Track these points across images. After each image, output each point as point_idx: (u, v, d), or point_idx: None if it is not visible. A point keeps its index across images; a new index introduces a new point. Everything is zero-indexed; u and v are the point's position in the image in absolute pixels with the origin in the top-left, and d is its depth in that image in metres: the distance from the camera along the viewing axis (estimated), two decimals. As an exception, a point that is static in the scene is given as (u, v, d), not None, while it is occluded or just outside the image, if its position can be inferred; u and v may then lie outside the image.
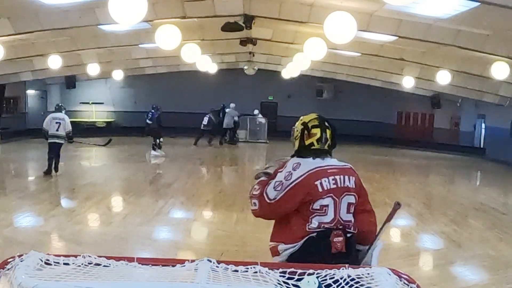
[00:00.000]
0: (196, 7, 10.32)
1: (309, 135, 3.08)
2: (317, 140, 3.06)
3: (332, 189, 2.95)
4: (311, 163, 3.01)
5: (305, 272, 1.84)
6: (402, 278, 1.82)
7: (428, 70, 15.48)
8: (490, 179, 16.53)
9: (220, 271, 1.82)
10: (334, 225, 2.93)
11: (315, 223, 2.93)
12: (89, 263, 1.84)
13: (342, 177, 3.01)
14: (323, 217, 2.93)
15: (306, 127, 3.10)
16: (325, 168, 3.00)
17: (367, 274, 1.83)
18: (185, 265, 1.87)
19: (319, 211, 2.93)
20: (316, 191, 2.92)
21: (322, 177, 2.96)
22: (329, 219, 2.93)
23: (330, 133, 3.10)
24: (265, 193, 3.01)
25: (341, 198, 2.97)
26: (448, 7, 8.69)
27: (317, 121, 3.11)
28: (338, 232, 2.92)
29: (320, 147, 3.06)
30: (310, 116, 3.16)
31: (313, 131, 3.08)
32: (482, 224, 9.27)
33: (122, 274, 1.82)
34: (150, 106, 17.63)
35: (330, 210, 2.94)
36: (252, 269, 1.83)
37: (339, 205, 2.95)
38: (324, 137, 3.07)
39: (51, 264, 1.84)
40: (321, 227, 2.92)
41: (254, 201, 3.08)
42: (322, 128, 3.08)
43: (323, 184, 2.94)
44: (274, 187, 2.99)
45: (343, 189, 2.98)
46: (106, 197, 10.56)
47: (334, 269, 1.85)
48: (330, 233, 2.91)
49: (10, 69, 16.68)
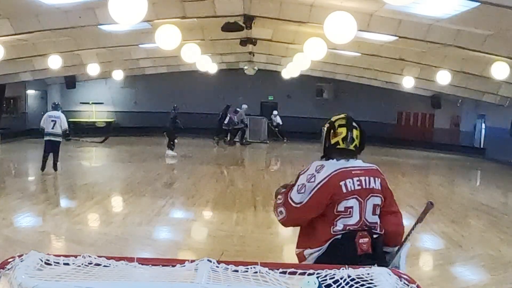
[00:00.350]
0: (196, 7, 10.33)
1: (335, 134, 3.03)
2: (342, 139, 3.01)
3: (356, 190, 2.89)
4: (334, 164, 2.96)
5: (305, 272, 1.84)
6: (402, 278, 1.82)
7: (428, 70, 15.49)
8: (490, 179, 16.53)
9: (220, 271, 1.82)
10: (359, 227, 2.88)
11: (340, 225, 2.87)
12: (89, 263, 1.84)
13: (367, 178, 2.95)
14: (348, 219, 2.88)
15: (332, 126, 3.05)
16: (349, 169, 2.95)
17: (367, 274, 1.83)
18: (185, 265, 1.87)
19: (343, 213, 2.88)
20: (340, 192, 2.87)
21: (346, 178, 2.90)
22: (354, 221, 2.88)
23: (357, 134, 3.04)
24: (290, 198, 2.95)
25: (366, 199, 2.91)
26: (448, 7, 8.70)
27: (344, 121, 3.06)
28: (363, 233, 2.87)
29: (345, 146, 3.00)
30: (338, 116, 3.11)
31: (339, 130, 3.03)
32: (482, 224, 9.27)
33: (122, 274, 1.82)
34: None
35: (355, 211, 2.88)
36: (252, 269, 1.83)
37: (364, 207, 2.90)
38: (350, 136, 3.00)
39: (51, 264, 1.84)
40: (346, 229, 2.87)
41: (280, 210, 3.00)
42: (348, 127, 3.02)
43: (347, 185, 2.89)
44: (297, 190, 2.93)
45: (368, 190, 2.93)
46: (106, 197, 10.56)
47: (334, 269, 1.85)
48: (356, 235, 2.86)
49: (10, 69, 16.68)
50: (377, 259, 2.75)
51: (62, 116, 12.57)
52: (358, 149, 3.06)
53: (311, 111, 24.65)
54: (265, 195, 11.33)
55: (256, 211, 9.45)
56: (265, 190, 11.43)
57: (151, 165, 15.23)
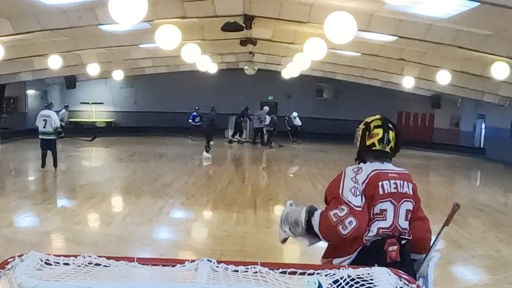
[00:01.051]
0: (196, 7, 10.33)
1: (370, 135, 2.96)
2: (378, 140, 2.94)
3: (392, 193, 2.82)
4: (371, 166, 2.89)
5: (305, 272, 1.84)
6: (402, 278, 1.82)
7: (428, 70, 15.49)
8: (490, 179, 16.53)
9: (220, 271, 1.82)
10: (391, 231, 2.80)
11: (374, 230, 2.78)
12: (89, 263, 1.84)
13: (401, 182, 2.89)
14: (382, 222, 2.79)
15: (368, 127, 2.99)
16: (385, 171, 2.89)
17: (367, 274, 1.83)
18: (185, 265, 1.87)
19: (379, 216, 2.79)
20: (378, 193, 2.79)
21: (384, 179, 2.84)
22: (387, 225, 2.80)
23: (393, 135, 2.98)
24: (351, 204, 2.73)
25: (400, 204, 2.84)
26: (448, 7, 8.69)
27: (380, 122, 2.99)
28: (392, 241, 2.79)
29: (381, 148, 2.93)
30: (373, 117, 3.04)
31: (375, 131, 2.96)
32: (482, 224, 9.27)
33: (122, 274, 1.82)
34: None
35: (389, 215, 2.80)
36: (252, 269, 1.83)
37: (398, 211, 2.83)
38: (386, 138, 2.94)
39: (51, 264, 1.84)
40: (380, 233, 2.78)
41: (350, 220, 2.70)
42: (384, 129, 2.96)
43: (384, 187, 2.81)
44: (353, 194, 2.76)
45: (402, 194, 2.86)
46: (106, 197, 10.56)
47: (334, 269, 1.85)
48: (385, 242, 2.77)
49: (10, 69, 16.68)
50: (405, 267, 2.66)
51: (53, 115, 12.96)
52: (393, 151, 2.99)
53: (311, 111, 24.67)
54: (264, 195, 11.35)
55: (256, 211, 9.45)
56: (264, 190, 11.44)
57: (151, 165, 15.23)
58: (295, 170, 16.83)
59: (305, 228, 2.83)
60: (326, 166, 15.87)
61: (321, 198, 3.03)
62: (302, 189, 12.51)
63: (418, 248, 2.94)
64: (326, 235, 2.77)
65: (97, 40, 13.82)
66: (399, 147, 3.03)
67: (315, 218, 2.82)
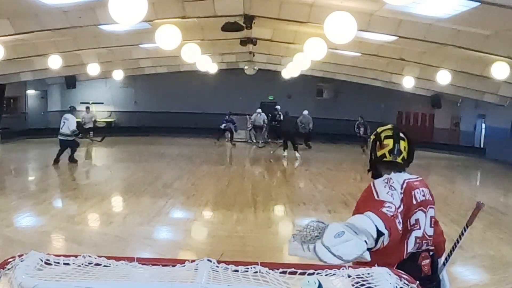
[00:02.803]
0: (196, 7, 10.33)
1: (381, 146, 2.88)
2: (389, 151, 2.85)
3: (422, 201, 2.76)
4: (398, 175, 2.79)
5: (305, 272, 1.84)
6: (402, 278, 1.82)
7: (428, 70, 15.49)
8: (490, 179, 16.53)
9: (220, 271, 1.82)
10: (421, 240, 2.75)
11: (412, 241, 2.70)
12: (89, 263, 1.84)
13: (425, 190, 2.84)
14: (417, 231, 2.73)
15: (378, 138, 2.91)
16: (412, 180, 2.81)
17: (367, 274, 1.83)
18: (185, 265, 1.87)
19: (414, 226, 2.73)
20: (412, 203, 2.72)
21: (414, 188, 2.76)
22: (420, 234, 2.74)
23: (405, 145, 2.88)
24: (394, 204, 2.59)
25: (427, 211, 2.80)
26: (448, 7, 8.70)
27: (390, 132, 2.90)
28: (425, 254, 2.75)
29: (392, 159, 2.84)
30: (384, 127, 2.96)
31: (385, 141, 2.88)
32: (482, 224, 9.26)
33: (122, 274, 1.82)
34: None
35: (422, 224, 2.75)
36: (252, 269, 1.82)
37: (426, 219, 2.78)
38: (396, 148, 2.84)
39: (51, 264, 1.84)
40: (416, 242, 2.73)
41: (399, 220, 2.57)
42: (395, 139, 2.87)
43: (416, 196, 2.75)
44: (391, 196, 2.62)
45: (428, 202, 2.82)
46: (106, 197, 10.56)
47: (334, 269, 1.85)
48: (419, 256, 2.72)
49: (10, 69, 16.69)
50: (435, 281, 2.62)
51: (71, 118, 14.04)
52: (406, 161, 2.90)
53: (311, 111, 24.66)
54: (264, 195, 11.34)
55: (256, 211, 9.45)
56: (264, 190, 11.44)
57: (151, 165, 15.23)
58: (295, 170, 16.83)
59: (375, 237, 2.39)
60: (326, 166, 15.86)
61: (321, 198, 3.02)
62: (302, 189, 12.52)
63: (438, 252, 2.92)
64: (391, 231, 2.45)
65: (97, 40, 13.83)
66: (412, 157, 2.93)
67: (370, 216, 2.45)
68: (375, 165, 2.92)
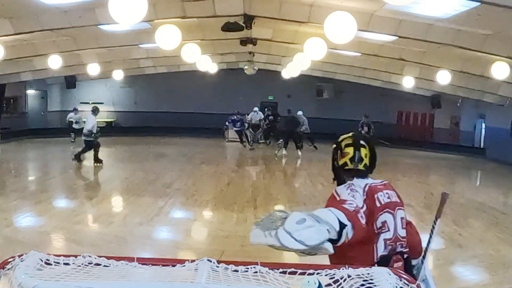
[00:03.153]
0: (196, 7, 10.33)
1: (342, 155, 2.93)
2: (350, 159, 2.89)
3: (387, 203, 2.77)
4: (359, 181, 2.82)
5: (305, 272, 1.84)
6: (402, 278, 1.82)
7: (428, 70, 15.49)
8: (490, 179, 16.54)
9: (220, 271, 1.82)
10: (393, 242, 2.75)
11: (381, 244, 2.71)
12: (89, 263, 1.84)
13: (391, 192, 2.84)
14: (386, 233, 2.73)
15: (339, 147, 2.96)
16: (374, 184, 2.83)
17: (367, 274, 1.83)
18: (185, 265, 1.87)
19: (382, 228, 2.73)
20: (376, 206, 2.73)
21: (377, 191, 2.78)
22: (391, 236, 2.74)
23: (366, 152, 2.91)
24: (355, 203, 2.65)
25: (396, 213, 2.80)
26: (448, 7, 8.70)
27: (350, 140, 2.94)
28: (397, 257, 2.74)
29: (354, 166, 2.87)
30: (344, 136, 2.99)
31: (346, 150, 2.91)
32: (482, 224, 9.27)
33: (122, 274, 1.82)
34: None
35: (391, 225, 2.75)
36: (252, 269, 1.82)
37: (395, 221, 2.79)
38: (357, 156, 2.87)
39: (51, 264, 1.84)
40: (387, 245, 2.72)
41: (361, 214, 2.62)
42: (355, 147, 2.90)
43: (380, 198, 2.76)
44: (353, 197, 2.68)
45: (395, 203, 2.82)
46: (106, 197, 10.57)
47: (334, 269, 1.85)
48: (390, 259, 2.70)
49: (10, 69, 16.69)
50: None
51: (89, 119, 14.70)
52: (368, 168, 2.92)
53: (311, 111, 24.66)
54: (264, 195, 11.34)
55: (256, 211, 9.45)
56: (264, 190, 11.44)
57: (151, 165, 15.23)
58: (295, 170, 16.83)
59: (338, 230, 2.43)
60: (326, 166, 15.78)
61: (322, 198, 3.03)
62: (302, 189, 12.52)
63: (414, 253, 2.91)
64: (354, 224, 2.51)
65: (97, 40, 13.82)
66: (374, 164, 2.94)
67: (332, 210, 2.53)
68: (338, 173, 2.96)
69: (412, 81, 17.99)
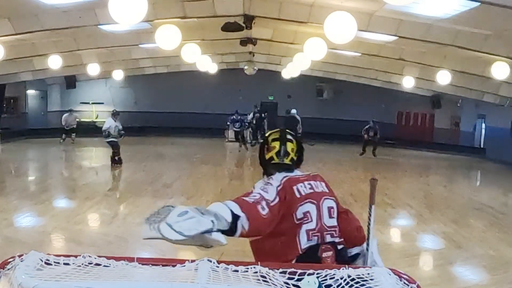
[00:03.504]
0: (196, 7, 10.33)
1: (268, 149, 2.99)
2: (276, 153, 2.95)
3: (309, 194, 2.81)
4: (280, 174, 2.89)
5: (305, 272, 1.84)
6: (402, 278, 1.82)
7: (428, 70, 15.49)
8: (490, 179, 16.54)
9: (220, 271, 1.82)
10: (318, 232, 2.77)
11: (303, 235, 2.73)
12: (89, 263, 1.84)
13: (315, 183, 2.89)
14: (308, 224, 2.76)
15: (266, 141, 3.02)
16: (296, 176, 2.89)
17: (367, 274, 1.83)
18: (185, 265, 1.87)
19: (304, 219, 2.76)
20: (295, 197, 2.77)
21: (297, 183, 2.83)
22: (314, 226, 2.76)
23: (293, 147, 2.98)
24: (262, 193, 2.67)
25: (321, 203, 2.83)
26: (448, 7, 8.69)
27: (277, 135, 3.01)
28: (326, 246, 2.75)
29: (279, 160, 2.94)
30: (273, 131, 3.06)
31: (273, 144, 2.98)
32: (482, 224, 9.27)
33: (122, 274, 1.82)
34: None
35: (313, 215, 2.78)
36: (252, 269, 1.83)
37: (321, 210, 2.81)
38: (283, 150, 2.94)
39: (51, 264, 1.84)
40: (310, 236, 2.75)
41: (262, 205, 2.61)
42: (281, 141, 2.97)
43: (300, 189, 2.80)
44: (263, 190, 2.70)
45: (320, 193, 2.86)
46: (106, 197, 10.56)
47: (334, 269, 1.85)
48: (318, 248, 2.72)
49: (10, 69, 16.68)
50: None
51: (106, 121, 15.09)
52: (295, 162, 2.99)
53: (311, 111, 24.67)
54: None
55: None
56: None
57: (151, 165, 15.23)
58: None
59: (231, 221, 2.46)
60: (325, 166, 15.85)
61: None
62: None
63: (354, 240, 2.91)
64: (249, 215, 2.50)
65: (97, 40, 13.82)
66: (301, 158, 3.01)
67: (226, 202, 2.58)
68: (265, 167, 3.01)
69: (412, 81, 17.99)
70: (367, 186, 3.08)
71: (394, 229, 8.81)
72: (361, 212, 4.87)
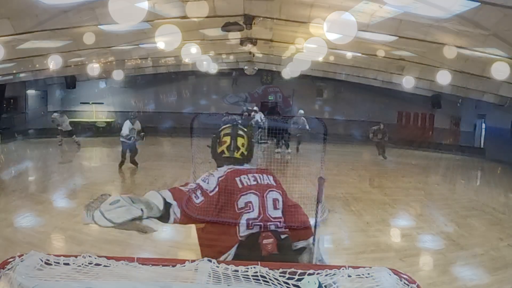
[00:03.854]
0: (196, 7, 10.32)
1: (219, 143, 3.15)
2: (227, 147, 3.12)
3: (253, 185, 2.93)
4: (226, 167, 3.04)
5: (305, 272, 1.84)
6: (402, 278, 1.82)
7: (428, 70, 15.48)
8: (490, 179, 16.53)
9: (220, 271, 1.82)
10: (260, 221, 2.85)
11: (244, 223, 2.83)
12: (89, 263, 1.84)
13: (261, 176, 3.01)
14: (250, 213, 2.86)
15: (218, 136, 3.18)
16: (241, 169, 3.03)
17: (367, 274, 1.83)
18: (185, 265, 1.87)
19: (245, 209, 2.87)
20: (237, 187, 2.88)
21: (241, 174, 2.96)
22: (255, 215, 2.86)
23: (243, 142, 3.14)
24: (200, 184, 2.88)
25: (265, 194, 2.94)
26: (448, 7, 8.69)
27: (229, 130, 3.18)
28: (267, 234, 2.83)
29: (230, 154, 3.11)
30: (226, 126, 3.21)
31: (224, 139, 3.14)
32: (482, 224, 9.27)
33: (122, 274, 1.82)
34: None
35: (255, 205, 2.88)
36: (252, 269, 1.83)
37: (264, 202, 2.91)
38: (233, 145, 3.11)
39: (51, 264, 1.84)
40: (250, 224, 2.84)
41: (196, 195, 2.85)
42: (232, 136, 3.13)
43: (243, 181, 2.93)
44: (203, 180, 2.92)
45: (265, 186, 2.97)
46: (106, 197, 10.54)
47: (334, 269, 1.85)
48: (259, 236, 2.81)
49: (10, 69, 16.68)
50: (283, 260, 2.66)
51: (124, 124, 14.38)
52: (245, 157, 3.14)
53: (311, 111, 24.65)
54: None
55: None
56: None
57: (151, 165, 15.22)
58: (294, 170, 16.80)
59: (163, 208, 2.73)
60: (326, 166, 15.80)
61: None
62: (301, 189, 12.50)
63: (301, 234, 2.99)
64: (181, 203, 2.74)
65: (97, 40, 13.80)
66: (251, 153, 3.18)
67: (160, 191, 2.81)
68: (217, 160, 3.18)
69: (412, 81, 17.98)
70: (367, 186, 3.08)
71: (394, 229, 8.81)
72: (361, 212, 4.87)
